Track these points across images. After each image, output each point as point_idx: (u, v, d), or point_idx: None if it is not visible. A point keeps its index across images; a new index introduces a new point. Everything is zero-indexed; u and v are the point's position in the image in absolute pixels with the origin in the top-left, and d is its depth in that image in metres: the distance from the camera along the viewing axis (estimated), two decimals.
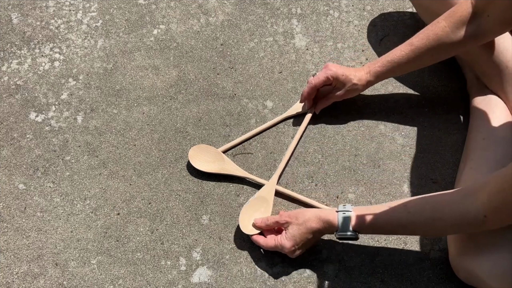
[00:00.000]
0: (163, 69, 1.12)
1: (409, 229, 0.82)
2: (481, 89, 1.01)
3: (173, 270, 0.93)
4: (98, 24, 1.18)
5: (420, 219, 0.78)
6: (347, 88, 0.99)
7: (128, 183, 1.01)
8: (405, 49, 0.93)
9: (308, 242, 0.88)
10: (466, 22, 0.87)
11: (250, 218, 0.94)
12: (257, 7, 1.19)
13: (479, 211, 0.72)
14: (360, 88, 0.99)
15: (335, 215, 0.84)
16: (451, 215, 0.75)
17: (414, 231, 0.84)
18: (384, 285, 0.91)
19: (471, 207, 0.73)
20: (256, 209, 0.95)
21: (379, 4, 1.19)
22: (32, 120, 1.07)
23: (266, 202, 0.96)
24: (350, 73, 0.98)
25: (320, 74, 0.99)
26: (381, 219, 0.82)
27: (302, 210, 0.90)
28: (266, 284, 0.92)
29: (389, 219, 0.81)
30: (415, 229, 0.82)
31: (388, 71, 0.96)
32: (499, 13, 0.83)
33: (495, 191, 0.70)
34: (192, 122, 1.07)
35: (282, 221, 0.89)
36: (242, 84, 1.11)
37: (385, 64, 0.95)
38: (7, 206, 0.99)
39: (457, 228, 0.78)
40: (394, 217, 0.81)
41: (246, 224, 0.93)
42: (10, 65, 1.13)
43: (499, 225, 0.74)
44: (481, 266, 0.79)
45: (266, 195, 0.96)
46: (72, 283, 0.92)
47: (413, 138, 1.04)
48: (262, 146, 1.04)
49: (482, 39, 0.89)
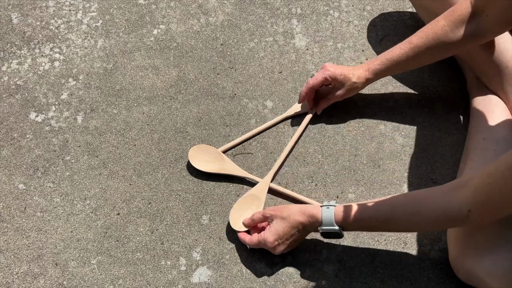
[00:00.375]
0: (163, 69, 1.12)
1: (392, 224, 0.81)
2: (481, 89, 1.01)
3: (173, 270, 0.93)
4: (98, 24, 1.18)
5: (401, 214, 0.79)
6: (347, 87, 0.99)
7: (128, 183, 1.01)
8: (404, 47, 0.93)
9: (291, 238, 0.87)
10: (466, 22, 0.87)
11: (241, 215, 0.94)
12: (257, 7, 1.19)
13: (463, 206, 0.72)
14: (360, 86, 0.99)
15: (319, 209, 0.85)
16: (433, 210, 0.76)
17: (397, 226, 0.83)
18: (384, 285, 0.91)
19: (455, 202, 0.73)
20: (247, 207, 0.95)
21: (379, 4, 1.19)
22: (32, 120, 1.07)
23: (257, 200, 0.96)
24: (349, 72, 0.98)
25: (318, 75, 0.99)
26: (364, 213, 0.82)
27: (287, 205, 0.90)
28: (266, 284, 0.92)
29: (372, 213, 0.81)
30: (398, 224, 0.81)
31: (387, 69, 0.96)
32: (498, 13, 0.83)
33: (481, 186, 0.70)
34: (192, 122, 1.07)
35: (267, 215, 0.89)
36: (242, 84, 1.11)
37: (384, 62, 0.96)
38: (7, 206, 0.99)
39: (439, 224, 0.78)
40: (377, 211, 0.81)
41: (236, 221, 0.94)
42: (10, 65, 1.13)
43: (482, 220, 0.74)
44: (481, 266, 0.79)
45: (259, 193, 0.97)
46: (72, 283, 0.92)
47: (413, 138, 1.04)
48: (262, 146, 1.04)
49: (481, 39, 0.89)
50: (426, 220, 0.77)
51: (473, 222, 0.74)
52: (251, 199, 0.96)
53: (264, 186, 0.97)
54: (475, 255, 0.81)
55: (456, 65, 1.10)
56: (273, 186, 0.98)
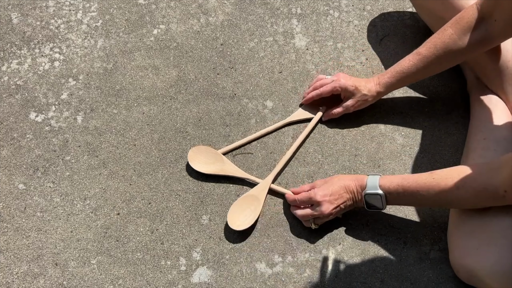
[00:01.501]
0: (163, 69, 1.12)
1: (432, 195, 0.82)
2: (481, 89, 1.01)
3: (173, 270, 0.93)
4: (98, 24, 1.18)
5: (444, 185, 0.80)
6: (357, 99, 0.99)
7: (128, 183, 1.01)
8: (413, 59, 0.94)
9: (340, 198, 0.89)
10: (473, 28, 0.86)
11: (239, 215, 0.94)
12: (257, 7, 1.19)
13: (500, 185, 0.75)
14: (370, 99, 1.00)
15: (365, 176, 0.89)
16: (474, 186, 0.78)
17: (436, 198, 0.83)
18: (384, 285, 0.91)
19: (494, 181, 0.76)
20: (246, 207, 0.95)
21: (379, 4, 1.19)
22: (32, 120, 1.07)
23: (257, 201, 0.96)
24: (360, 84, 0.99)
25: (329, 85, 1.00)
26: (407, 181, 0.84)
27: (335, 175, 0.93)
28: (266, 284, 0.92)
29: (414, 181, 0.83)
30: (438, 195, 0.82)
31: (397, 81, 0.97)
32: (506, 16, 0.82)
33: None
34: (192, 122, 1.07)
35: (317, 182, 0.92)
36: (242, 84, 1.11)
37: (394, 75, 0.96)
38: (7, 206, 0.99)
39: (478, 200, 0.80)
40: (420, 181, 0.83)
41: (234, 220, 0.94)
42: (10, 65, 1.13)
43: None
44: (481, 266, 0.79)
45: (258, 193, 0.97)
46: (72, 283, 0.92)
47: (413, 138, 1.04)
48: (262, 146, 1.04)
49: (490, 44, 0.88)
50: (467, 194, 0.79)
51: (509, 202, 0.76)
52: (250, 199, 0.96)
53: (264, 187, 0.97)
54: (475, 255, 0.81)
55: (456, 65, 1.10)
56: (273, 187, 0.98)
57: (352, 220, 0.96)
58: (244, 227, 0.93)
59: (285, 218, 0.97)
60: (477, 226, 0.83)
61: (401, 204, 0.91)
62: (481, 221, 0.83)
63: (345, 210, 0.91)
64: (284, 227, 0.96)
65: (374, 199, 0.87)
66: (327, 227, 0.95)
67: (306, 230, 0.96)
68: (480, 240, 0.81)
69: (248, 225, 0.94)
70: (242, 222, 0.94)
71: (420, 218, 0.96)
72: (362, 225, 0.96)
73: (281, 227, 0.96)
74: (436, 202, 0.85)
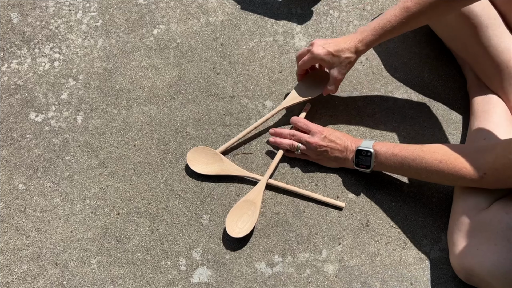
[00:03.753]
0: (163, 69, 1.12)
1: (416, 163, 0.87)
2: (481, 88, 1.01)
3: (173, 270, 0.93)
4: (98, 24, 1.18)
5: (429, 157, 0.85)
6: (340, 67, 0.96)
7: (128, 183, 1.01)
8: (400, 15, 0.89)
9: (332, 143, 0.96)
10: None
11: (237, 222, 0.94)
12: (257, 7, 1.19)
13: (481, 167, 0.80)
14: (353, 59, 0.95)
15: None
16: (456, 163, 0.82)
17: (419, 168, 0.87)
18: (384, 285, 0.91)
19: (477, 162, 0.81)
20: (243, 212, 0.95)
21: (379, 4, 1.19)
22: (32, 120, 1.07)
23: (253, 205, 0.96)
24: (338, 47, 0.94)
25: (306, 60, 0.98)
26: (398, 148, 0.90)
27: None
28: (266, 284, 0.92)
29: (404, 149, 0.89)
30: (422, 165, 0.86)
31: (380, 37, 0.93)
32: None
33: (501, 156, 0.77)
34: (192, 122, 1.07)
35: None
36: (242, 84, 1.11)
37: (378, 32, 0.92)
38: (7, 206, 0.99)
39: (458, 177, 0.83)
40: (410, 150, 0.88)
41: (233, 228, 0.94)
42: (10, 65, 1.13)
43: (493, 186, 0.82)
44: (481, 266, 0.79)
45: (254, 198, 0.96)
46: (72, 283, 0.92)
47: (413, 138, 1.04)
48: (262, 146, 1.04)
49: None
50: (448, 169, 0.83)
51: (485, 185, 0.82)
52: (246, 204, 0.96)
53: (259, 191, 0.97)
54: (475, 255, 0.81)
55: (456, 64, 1.10)
56: (272, 182, 0.98)
57: (352, 220, 0.97)
58: (243, 234, 0.93)
59: (285, 218, 0.97)
60: (477, 226, 0.83)
61: (387, 170, 0.94)
62: (481, 221, 0.83)
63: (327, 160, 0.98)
64: (284, 227, 0.96)
65: (365, 156, 0.92)
66: (327, 228, 0.95)
67: (306, 230, 0.96)
68: (480, 240, 0.81)
69: (247, 231, 0.93)
70: (240, 229, 0.94)
71: (420, 218, 0.96)
72: (362, 225, 0.96)
73: (281, 227, 0.96)
74: (418, 173, 0.88)
